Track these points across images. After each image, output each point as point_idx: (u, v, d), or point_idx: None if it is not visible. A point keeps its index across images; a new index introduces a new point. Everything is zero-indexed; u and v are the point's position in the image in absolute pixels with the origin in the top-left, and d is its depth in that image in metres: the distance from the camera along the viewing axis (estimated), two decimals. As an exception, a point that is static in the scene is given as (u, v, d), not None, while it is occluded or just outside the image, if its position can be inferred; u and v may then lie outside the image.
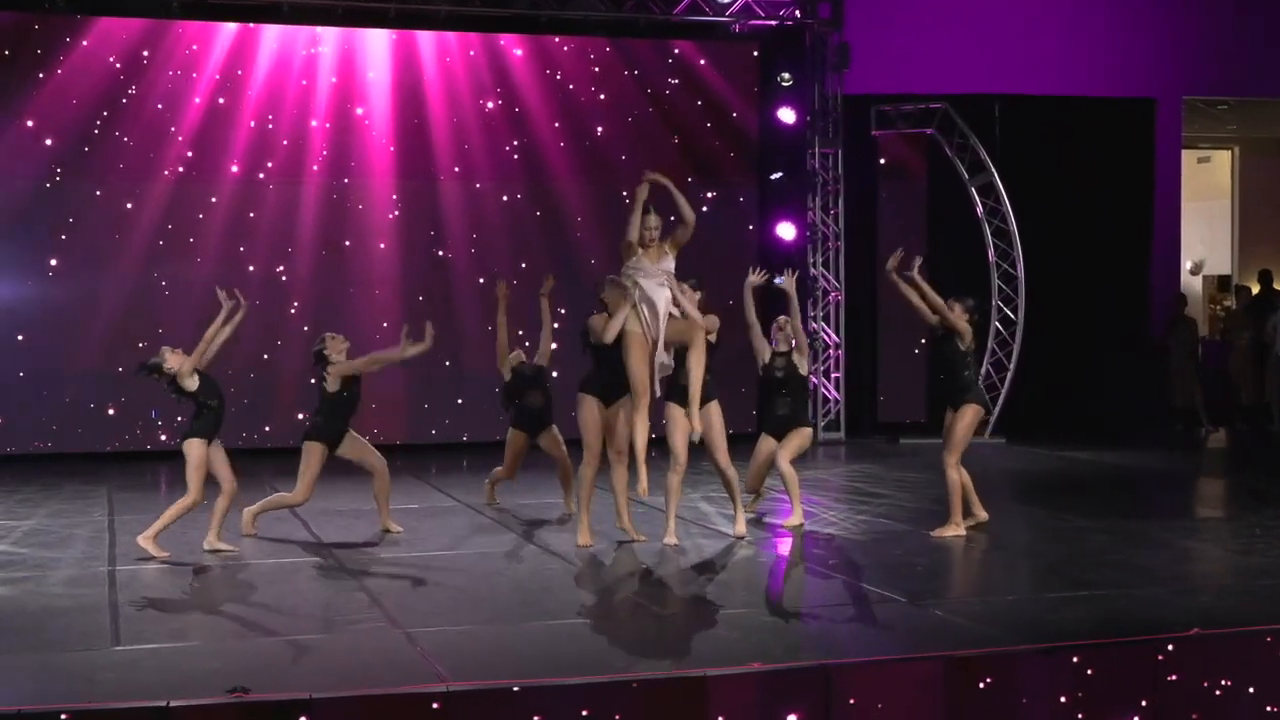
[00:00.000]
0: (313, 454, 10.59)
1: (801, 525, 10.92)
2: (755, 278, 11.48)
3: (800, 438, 11.10)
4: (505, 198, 16.76)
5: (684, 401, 9.99)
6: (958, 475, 10.51)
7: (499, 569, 9.50)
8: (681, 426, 10.11)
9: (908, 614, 8.08)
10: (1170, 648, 7.08)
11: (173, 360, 10.00)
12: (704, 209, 17.22)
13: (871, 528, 11.06)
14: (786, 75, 17.22)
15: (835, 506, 12.14)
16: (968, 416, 10.52)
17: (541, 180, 16.81)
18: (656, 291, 9.74)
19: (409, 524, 11.32)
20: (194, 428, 10.05)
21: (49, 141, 15.44)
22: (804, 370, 11.30)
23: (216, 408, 10.09)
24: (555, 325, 12.21)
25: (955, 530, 10.40)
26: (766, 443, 11.26)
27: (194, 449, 9.97)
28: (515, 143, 16.72)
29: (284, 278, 16.17)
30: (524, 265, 16.61)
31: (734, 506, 10.64)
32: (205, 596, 8.74)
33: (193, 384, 10.02)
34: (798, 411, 11.24)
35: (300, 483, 10.54)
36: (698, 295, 10.50)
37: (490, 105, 16.61)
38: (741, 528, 10.55)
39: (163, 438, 15.84)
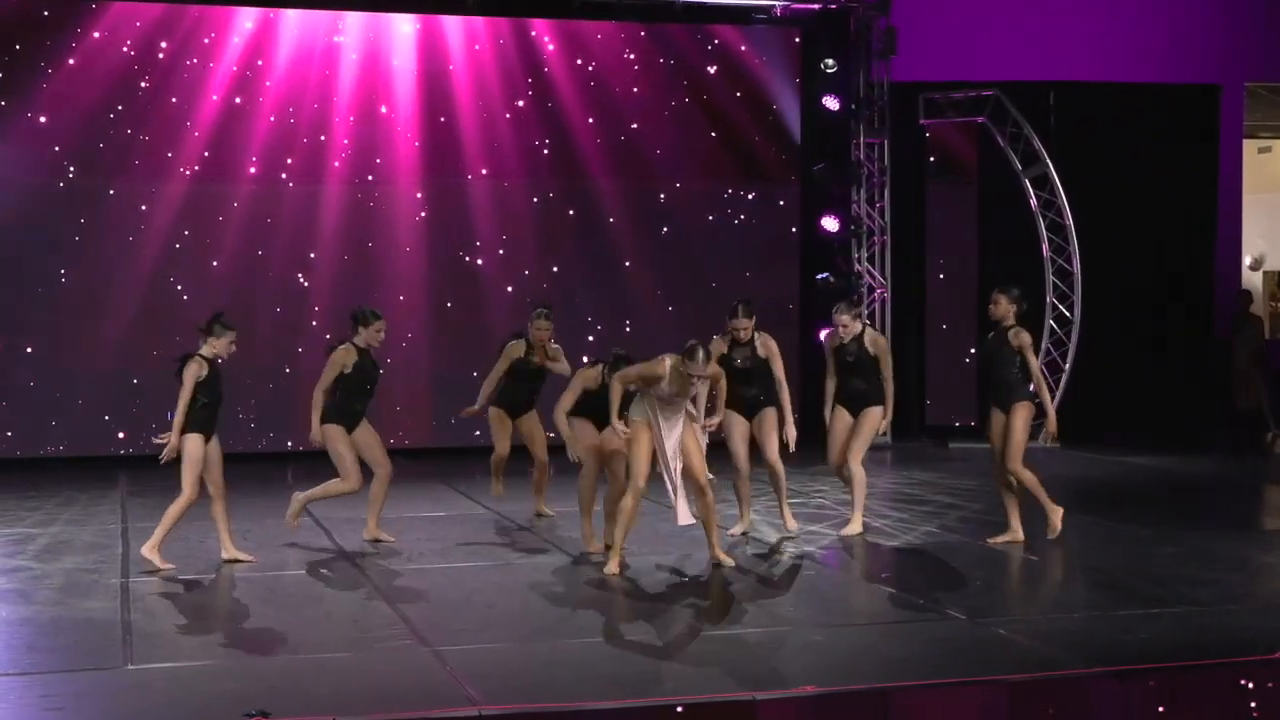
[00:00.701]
0: (335, 438, 10.46)
1: (861, 534, 10.72)
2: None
3: (872, 420, 10.89)
4: (535, 196, 16.56)
5: (744, 412, 10.59)
6: (1032, 474, 10.33)
7: (530, 582, 9.26)
8: (740, 432, 10.55)
9: (969, 632, 7.81)
10: (1254, 672, 6.80)
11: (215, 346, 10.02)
12: (744, 205, 17.05)
13: (925, 538, 10.80)
14: (830, 62, 16.93)
15: (886, 514, 11.86)
16: (1022, 415, 10.22)
17: (574, 177, 16.59)
18: (670, 427, 9.34)
19: (436, 532, 11.13)
20: (188, 423, 9.83)
21: (61, 137, 15.31)
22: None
23: (209, 405, 9.91)
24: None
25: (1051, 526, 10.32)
26: (842, 418, 11.03)
27: (190, 444, 9.76)
28: (546, 138, 16.51)
29: (305, 282, 16.00)
30: (555, 269, 16.45)
31: (780, 502, 10.86)
32: (222, 611, 8.55)
33: (202, 373, 9.83)
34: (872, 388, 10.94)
35: (341, 469, 10.45)
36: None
37: (520, 102, 16.38)
38: (792, 523, 10.84)
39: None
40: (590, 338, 16.19)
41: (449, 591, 9.02)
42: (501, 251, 16.45)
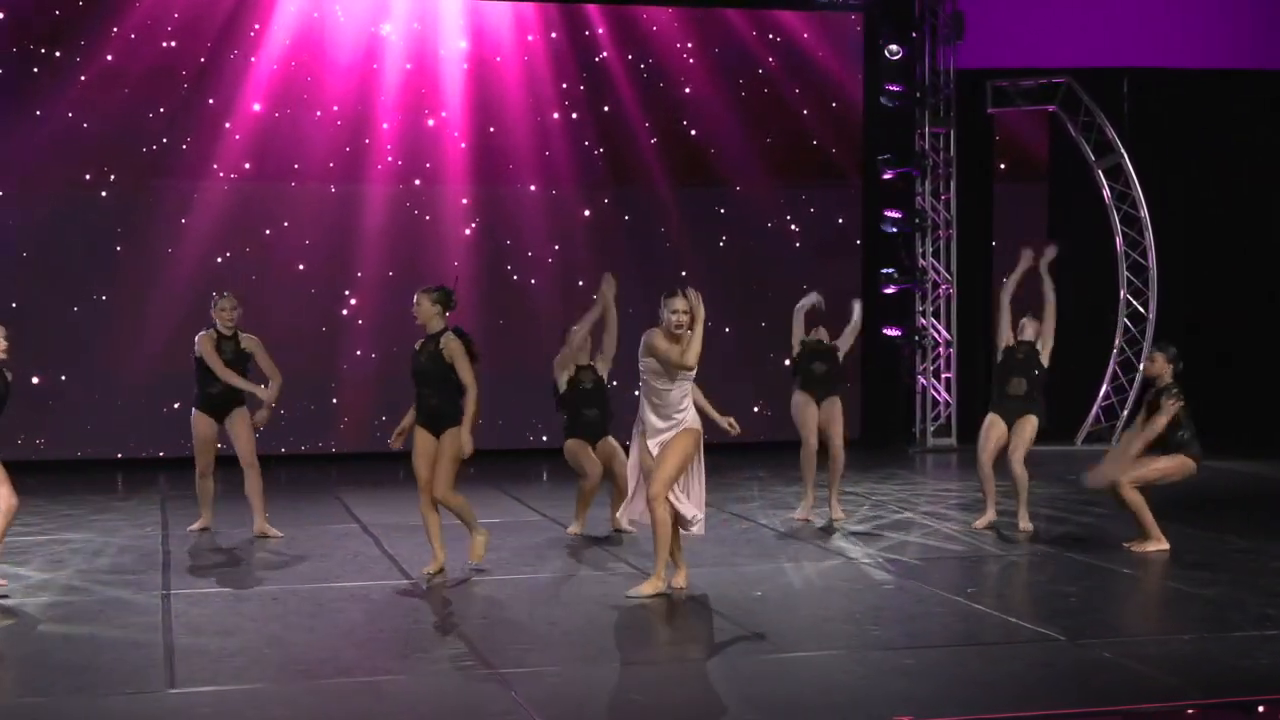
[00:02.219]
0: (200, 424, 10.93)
1: (1026, 531, 10.82)
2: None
3: (1030, 427, 11.05)
4: (588, 194, 16.17)
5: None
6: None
7: (592, 596, 8.80)
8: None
9: (1070, 655, 7.31)
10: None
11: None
12: (804, 199, 16.58)
13: (1008, 549, 10.30)
14: (895, 48, 16.45)
15: (964, 523, 11.36)
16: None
17: (627, 176, 16.18)
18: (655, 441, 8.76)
19: (491, 541, 10.65)
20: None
21: (99, 139, 14.98)
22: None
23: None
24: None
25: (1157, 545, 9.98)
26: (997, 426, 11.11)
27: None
28: (598, 134, 16.09)
29: (351, 298, 15.67)
30: (609, 269, 15.97)
31: (830, 494, 11.45)
32: (267, 628, 8.09)
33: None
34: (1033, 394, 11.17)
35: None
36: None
37: (570, 99, 15.97)
38: (838, 513, 11.39)
39: (220, 446, 15.31)
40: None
41: (507, 607, 8.58)
42: (550, 260, 16.06)
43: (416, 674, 7.10)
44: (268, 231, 15.48)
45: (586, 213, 16.08)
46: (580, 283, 15.84)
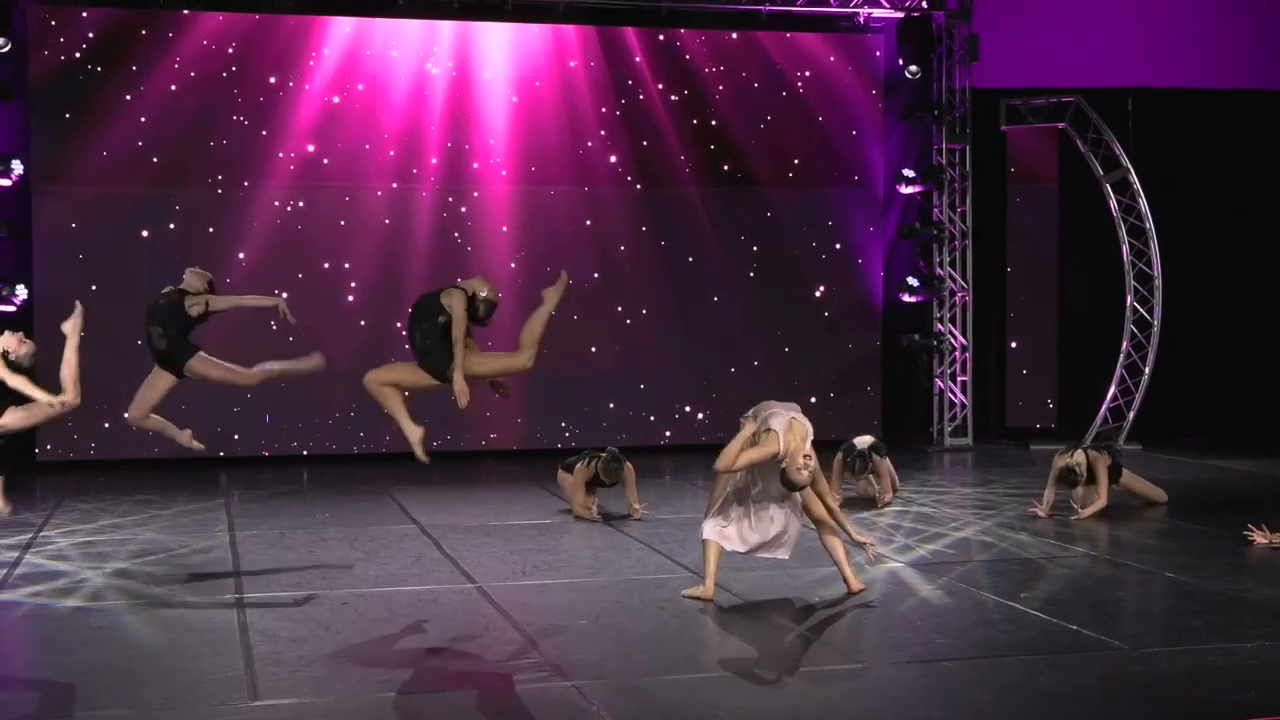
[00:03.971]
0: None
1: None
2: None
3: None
4: (622, 205, 15.59)
5: None
6: None
7: (656, 601, 8.27)
8: None
9: (1138, 667, 6.79)
10: None
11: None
12: (827, 210, 16.08)
13: (1046, 551, 9.78)
14: (915, 68, 15.94)
15: (997, 523, 10.84)
16: None
17: (660, 186, 15.63)
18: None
19: (546, 542, 10.17)
20: None
21: (158, 149, 14.47)
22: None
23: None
24: None
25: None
26: None
27: None
28: (633, 146, 15.54)
29: (397, 289, 15.12)
30: (642, 274, 15.59)
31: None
32: (341, 634, 7.57)
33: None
34: None
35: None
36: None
37: (615, 119, 15.44)
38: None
39: (276, 445, 14.87)
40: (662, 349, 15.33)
41: (575, 612, 8.03)
42: (590, 258, 15.49)
43: (496, 686, 6.59)
44: (319, 240, 14.96)
45: (623, 246, 15.57)
46: (619, 308, 15.43)
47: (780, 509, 8.11)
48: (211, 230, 14.65)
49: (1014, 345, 16.72)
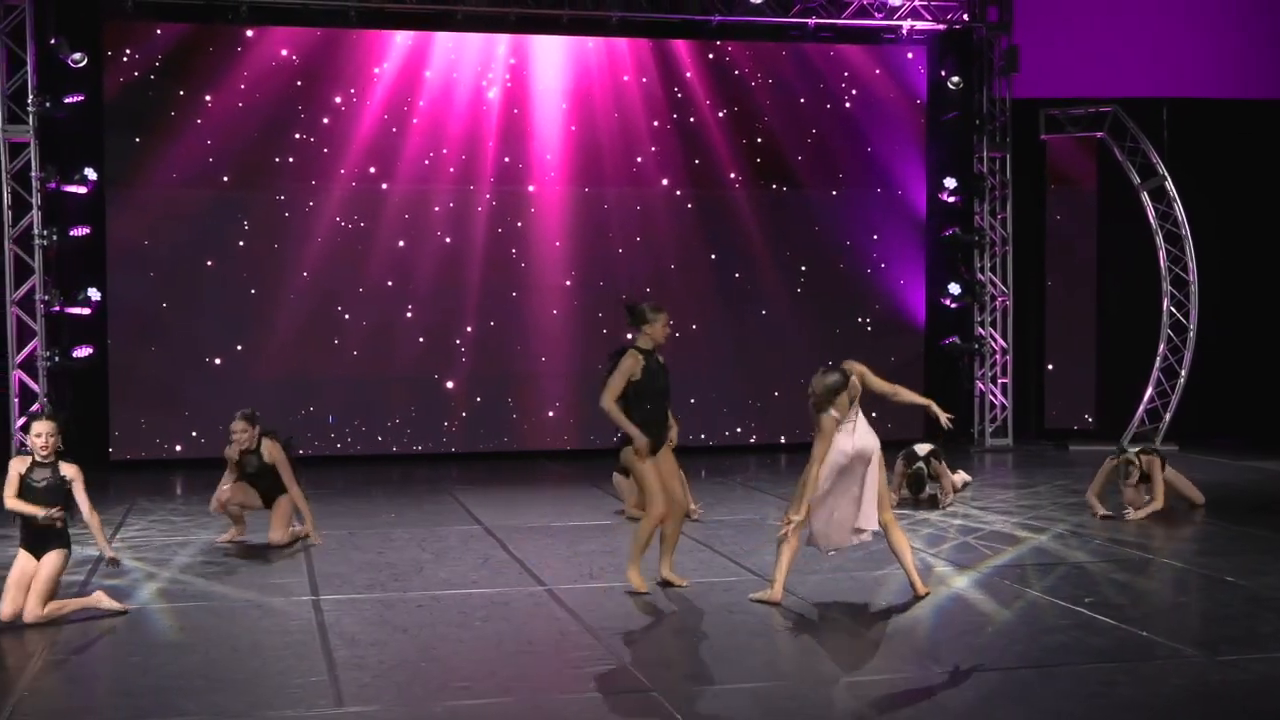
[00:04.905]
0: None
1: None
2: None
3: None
4: (673, 206, 15.30)
5: None
6: None
7: (726, 605, 7.99)
8: None
9: (1216, 675, 6.47)
10: None
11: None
12: (872, 215, 15.78)
13: (1102, 553, 9.46)
14: (957, 79, 15.60)
15: (1048, 524, 10.52)
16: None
17: (711, 188, 15.35)
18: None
19: (610, 543, 9.90)
20: None
21: (225, 156, 14.26)
22: None
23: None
24: None
25: None
26: None
27: None
28: (685, 152, 15.28)
29: (462, 321, 14.94)
30: (691, 273, 15.31)
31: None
32: (419, 638, 7.31)
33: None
34: None
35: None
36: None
37: (666, 129, 15.16)
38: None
39: (338, 446, 14.66)
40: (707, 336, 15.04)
41: (645, 617, 7.76)
42: (641, 260, 15.23)
43: (576, 693, 6.33)
44: (380, 255, 14.73)
45: (672, 266, 15.24)
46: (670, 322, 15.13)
47: (853, 505, 7.89)
48: (276, 246, 14.45)
49: (1050, 367, 16.38)
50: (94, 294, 13.82)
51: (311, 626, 7.54)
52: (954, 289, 15.68)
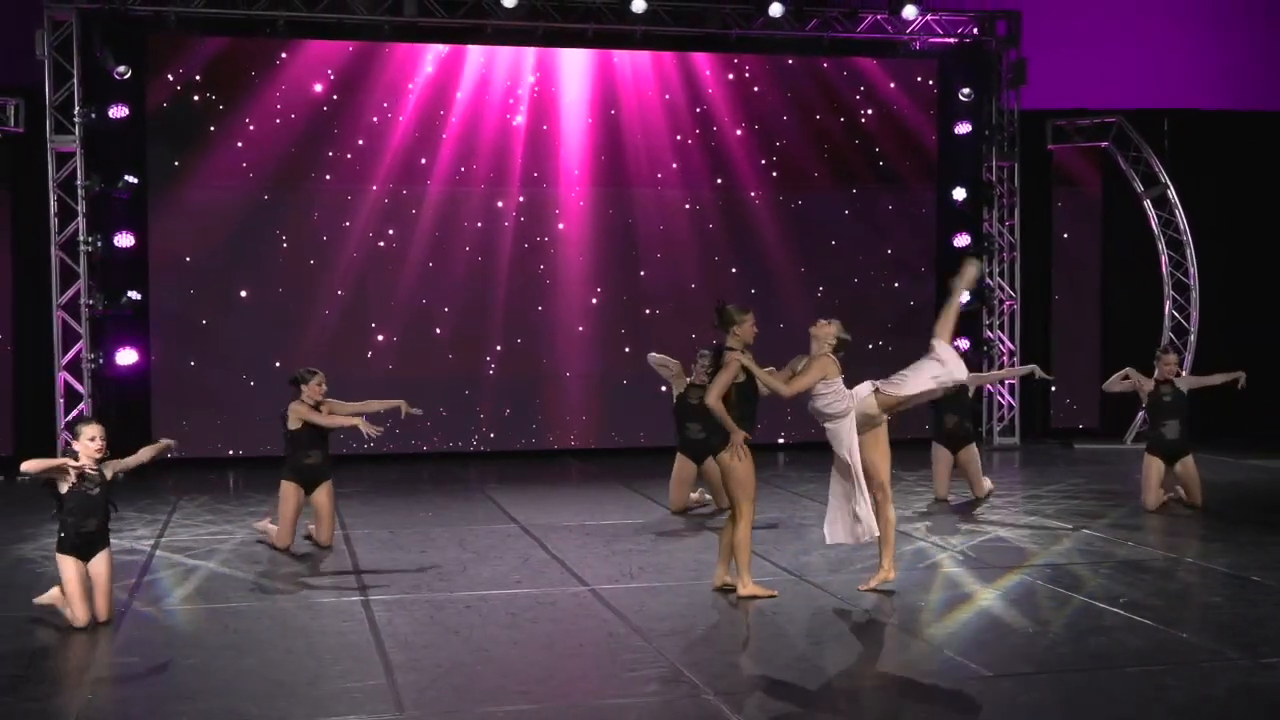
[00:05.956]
0: (286, 495, 9.46)
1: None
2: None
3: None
4: (694, 209, 15.00)
5: None
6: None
7: (763, 605, 7.74)
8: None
9: (1261, 679, 6.23)
10: None
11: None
12: (885, 222, 15.53)
13: (1129, 552, 9.21)
14: (968, 90, 15.33)
15: (1066, 525, 10.27)
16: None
17: (730, 191, 15.07)
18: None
19: (643, 543, 9.63)
20: None
21: (261, 164, 13.95)
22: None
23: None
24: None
25: None
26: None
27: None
28: (706, 159, 15.00)
29: (483, 291, 14.65)
30: (712, 275, 15.03)
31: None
32: (471, 639, 7.06)
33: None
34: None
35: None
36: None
37: (687, 140, 14.88)
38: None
39: (369, 445, 14.35)
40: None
41: (692, 617, 7.50)
42: (663, 260, 14.96)
43: (634, 696, 6.08)
44: (411, 273, 14.46)
45: (693, 285, 14.91)
46: (691, 335, 14.91)
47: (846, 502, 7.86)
48: (310, 255, 14.20)
49: (1052, 379, 16.10)
50: (134, 294, 13.56)
51: (364, 627, 7.30)
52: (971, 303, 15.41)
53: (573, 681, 6.34)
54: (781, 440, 15.08)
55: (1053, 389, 16.07)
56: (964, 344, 15.43)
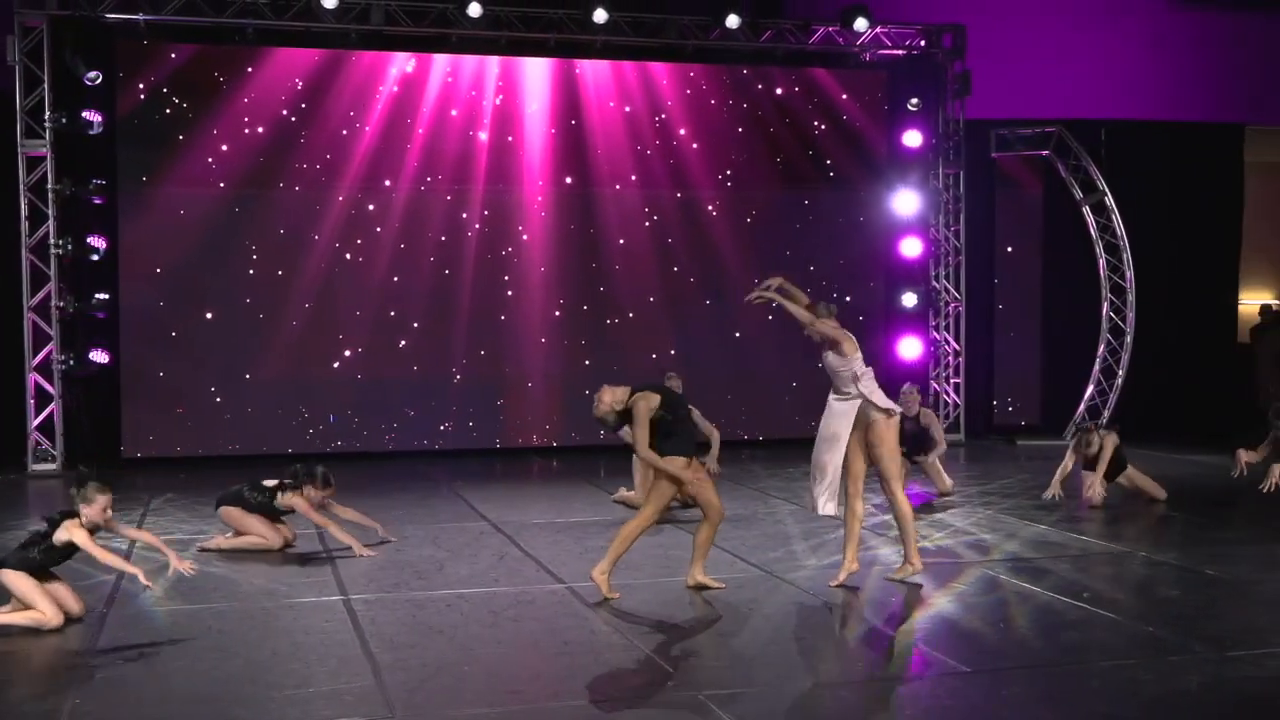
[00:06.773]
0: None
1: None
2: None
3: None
4: (652, 213, 14.87)
5: None
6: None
7: (739, 601, 7.58)
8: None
9: (1231, 672, 6.14)
10: None
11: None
12: (835, 227, 15.45)
13: (1084, 546, 9.15)
14: (916, 100, 15.29)
15: (1021, 520, 10.20)
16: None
17: (684, 197, 14.95)
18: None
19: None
20: None
21: (227, 168, 13.65)
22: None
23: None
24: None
25: None
26: None
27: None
28: (660, 161, 14.85)
29: (449, 289, 14.40)
30: (670, 276, 14.88)
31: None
32: (456, 639, 6.82)
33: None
34: None
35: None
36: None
37: (647, 150, 14.72)
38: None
39: (338, 443, 14.12)
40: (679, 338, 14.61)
41: (675, 617, 7.29)
42: (625, 260, 14.81)
43: (625, 695, 5.91)
44: (375, 285, 14.20)
45: (651, 298, 14.83)
46: (650, 341, 14.75)
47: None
48: (277, 258, 13.89)
49: (998, 367, 16.15)
50: (103, 296, 13.19)
51: (347, 627, 7.06)
52: (910, 295, 15.39)
53: (561, 681, 6.15)
54: (745, 437, 14.96)
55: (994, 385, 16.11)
56: (920, 346, 15.46)
